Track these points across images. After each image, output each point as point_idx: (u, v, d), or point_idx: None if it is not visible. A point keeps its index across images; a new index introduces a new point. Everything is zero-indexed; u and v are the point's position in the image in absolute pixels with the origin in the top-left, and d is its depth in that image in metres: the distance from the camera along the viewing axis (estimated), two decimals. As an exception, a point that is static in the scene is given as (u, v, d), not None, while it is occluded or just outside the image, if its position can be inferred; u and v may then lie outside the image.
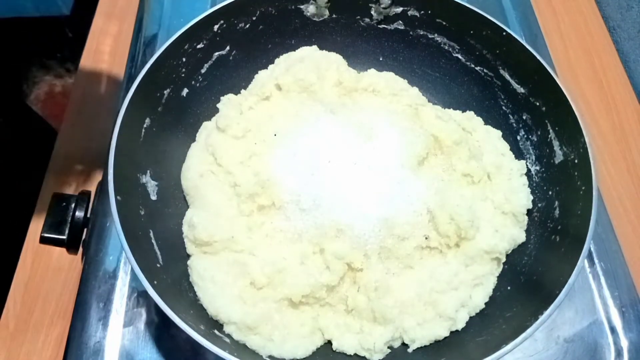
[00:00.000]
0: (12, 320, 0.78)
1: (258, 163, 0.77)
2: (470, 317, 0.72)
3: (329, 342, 0.70)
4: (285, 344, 0.67)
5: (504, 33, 0.80)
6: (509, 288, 0.74)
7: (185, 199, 0.79)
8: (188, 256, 0.74)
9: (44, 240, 0.71)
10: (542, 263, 0.72)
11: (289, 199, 0.73)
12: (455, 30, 0.86)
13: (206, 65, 0.83)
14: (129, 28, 1.05)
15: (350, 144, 0.77)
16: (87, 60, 1.04)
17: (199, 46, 0.80)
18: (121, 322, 0.74)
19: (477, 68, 0.87)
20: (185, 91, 0.81)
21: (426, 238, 0.73)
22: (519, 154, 0.84)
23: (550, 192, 0.77)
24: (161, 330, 0.73)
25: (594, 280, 0.82)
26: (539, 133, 0.81)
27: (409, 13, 0.87)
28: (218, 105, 0.84)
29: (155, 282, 0.59)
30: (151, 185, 0.74)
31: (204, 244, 0.72)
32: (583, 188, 0.70)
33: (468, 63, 0.88)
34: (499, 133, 0.86)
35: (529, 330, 0.59)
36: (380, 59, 0.94)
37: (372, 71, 0.90)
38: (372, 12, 0.89)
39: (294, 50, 0.89)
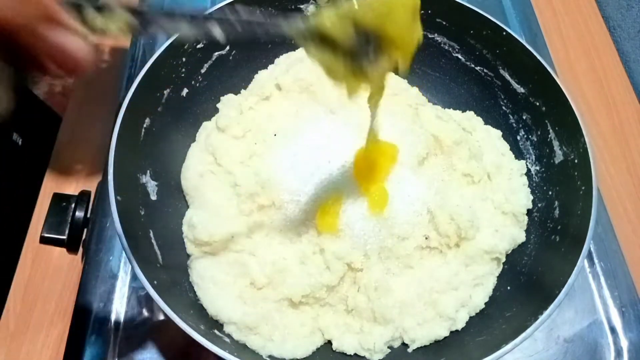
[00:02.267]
0: (12, 320, 0.77)
1: (258, 163, 0.77)
2: (470, 317, 0.72)
3: (329, 342, 0.70)
4: (285, 344, 0.67)
5: (504, 33, 0.80)
6: (509, 288, 0.74)
7: (185, 199, 0.79)
8: (188, 256, 0.74)
9: (44, 240, 0.71)
10: (542, 263, 0.72)
11: (289, 199, 0.73)
12: (455, 30, 0.86)
13: (206, 65, 0.83)
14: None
15: (350, 144, 0.77)
16: (87, 60, 1.03)
17: (199, 46, 0.80)
18: (121, 322, 0.74)
19: (477, 68, 0.87)
20: (185, 91, 0.81)
21: (426, 238, 0.73)
22: (519, 154, 0.84)
23: (550, 192, 0.77)
24: (161, 330, 0.73)
25: (594, 280, 0.82)
26: (539, 133, 0.81)
27: (409, 13, 0.87)
28: (218, 105, 0.84)
29: (155, 282, 0.59)
30: (151, 185, 0.74)
31: (204, 244, 0.72)
32: (583, 188, 0.70)
33: (468, 63, 0.88)
34: (499, 133, 0.86)
35: (528, 330, 0.59)
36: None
37: (372, 71, 0.90)
38: (372, 12, 0.89)
39: (294, 50, 0.89)
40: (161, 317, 0.74)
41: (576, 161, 0.72)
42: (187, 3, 1.08)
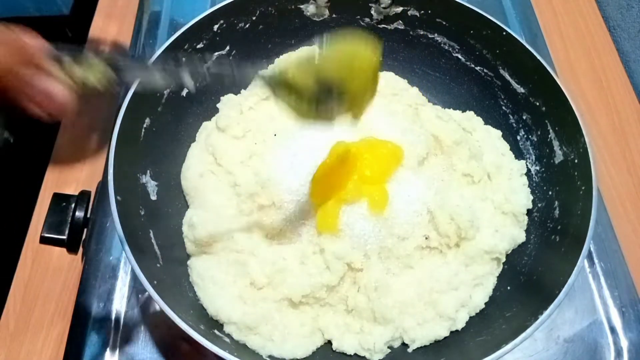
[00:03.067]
0: (12, 320, 0.77)
1: (258, 163, 0.77)
2: (470, 317, 0.72)
3: (329, 342, 0.70)
4: (285, 344, 0.67)
5: (504, 33, 0.80)
6: (508, 288, 0.74)
7: (185, 199, 0.79)
8: (188, 256, 0.74)
9: (44, 240, 0.71)
10: (542, 263, 0.72)
11: (289, 199, 0.73)
12: (455, 30, 0.86)
13: (206, 66, 0.83)
14: (129, 28, 1.05)
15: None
16: (87, 60, 1.04)
17: (199, 46, 0.80)
18: (121, 322, 0.74)
19: (477, 68, 0.87)
20: (185, 91, 0.81)
21: (426, 238, 0.73)
22: (519, 154, 0.84)
23: (550, 192, 0.77)
24: (161, 330, 0.73)
25: (594, 280, 0.82)
26: (539, 133, 0.81)
27: (409, 13, 0.87)
28: (218, 105, 0.85)
29: (155, 282, 0.59)
30: (151, 185, 0.74)
31: (204, 244, 0.72)
32: (583, 188, 0.70)
33: (468, 63, 0.88)
34: (499, 133, 0.86)
35: (528, 330, 0.59)
36: (380, 59, 0.94)
37: (372, 71, 0.90)
38: (372, 12, 0.89)
39: (294, 50, 0.89)
40: (161, 317, 0.74)
41: (576, 161, 0.72)
42: (188, 5, 1.08)
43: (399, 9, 0.88)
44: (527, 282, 0.72)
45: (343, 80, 0.52)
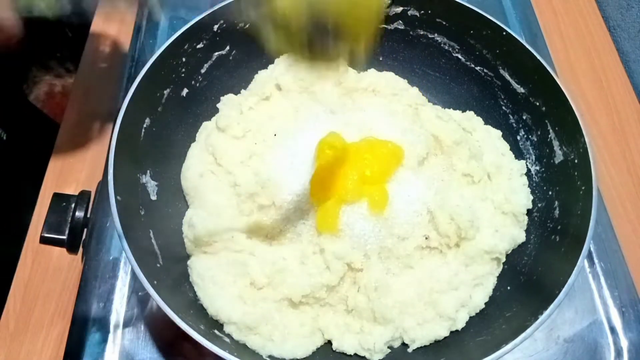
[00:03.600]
0: (12, 320, 0.77)
1: (258, 163, 0.77)
2: (470, 317, 0.72)
3: (329, 342, 0.70)
4: (285, 344, 0.67)
5: (504, 33, 0.80)
6: (508, 288, 0.74)
7: (185, 199, 0.79)
8: (188, 256, 0.74)
9: (44, 240, 0.71)
10: (542, 263, 0.72)
11: (289, 199, 0.73)
12: (455, 30, 0.86)
13: (206, 65, 0.83)
14: (129, 28, 1.05)
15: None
16: (87, 60, 1.04)
17: (199, 46, 0.80)
18: (121, 322, 0.74)
19: (477, 68, 0.87)
20: (185, 91, 0.81)
21: (426, 238, 0.73)
22: (519, 154, 0.84)
23: (550, 192, 0.77)
24: (161, 330, 0.73)
25: (594, 280, 0.82)
26: (539, 133, 0.81)
27: (409, 13, 0.87)
28: (218, 105, 0.85)
29: (155, 282, 0.59)
30: (151, 185, 0.74)
31: (204, 244, 0.72)
32: (583, 188, 0.70)
33: (468, 63, 0.88)
34: (499, 133, 0.86)
35: (528, 330, 0.59)
36: (380, 59, 0.94)
37: (372, 71, 0.90)
38: (372, 12, 0.89)
39: (294, 50, 0.89)
40: (161, 317, 0.74)
41: (576, 161, 0.72)
42: (187, 3, 1.08)
43: (399, 9, 0.88)
44: (527, 282, 0.72)
45: (340, 12, 0.45)
